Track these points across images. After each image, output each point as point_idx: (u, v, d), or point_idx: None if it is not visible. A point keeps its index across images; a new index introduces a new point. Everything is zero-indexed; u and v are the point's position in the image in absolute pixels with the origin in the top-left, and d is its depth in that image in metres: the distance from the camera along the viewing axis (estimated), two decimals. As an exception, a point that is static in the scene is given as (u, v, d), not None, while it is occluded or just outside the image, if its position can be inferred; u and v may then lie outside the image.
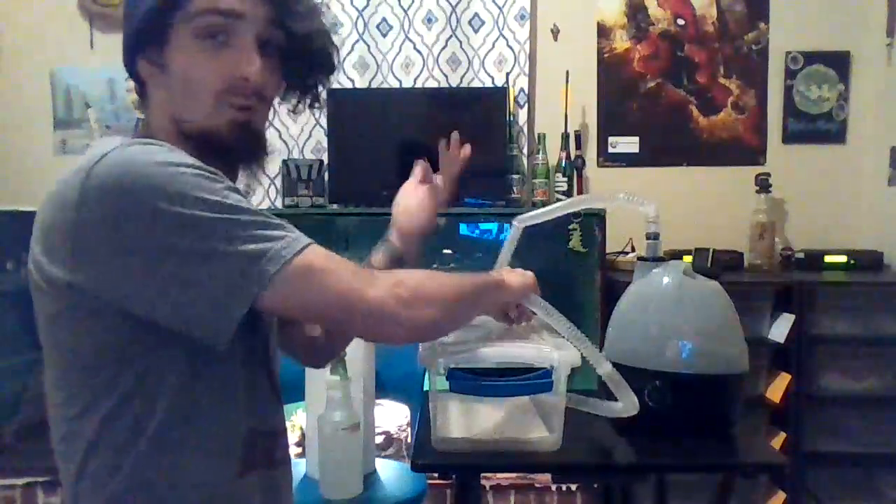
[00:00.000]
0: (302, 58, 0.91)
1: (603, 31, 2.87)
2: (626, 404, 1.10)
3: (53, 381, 0.84)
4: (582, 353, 1.07)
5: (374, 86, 2.84)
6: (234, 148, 0.86)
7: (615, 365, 1.29)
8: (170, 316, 0.76)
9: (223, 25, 0.83)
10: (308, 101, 0.97)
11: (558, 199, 2.72)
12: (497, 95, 2.75)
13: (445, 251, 2.92)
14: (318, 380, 1.62)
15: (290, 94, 0.96)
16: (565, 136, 2.78)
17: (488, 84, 2.81)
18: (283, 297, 0.77)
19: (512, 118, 2.77)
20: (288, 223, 0.81)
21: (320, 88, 0.97)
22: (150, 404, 0.80)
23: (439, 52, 2.82)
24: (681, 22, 2.86)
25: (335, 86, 2.81)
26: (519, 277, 1.06)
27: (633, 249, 2.69)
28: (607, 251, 2.57)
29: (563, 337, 1.07)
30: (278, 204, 2.80)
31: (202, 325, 0.76)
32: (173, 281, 0.74)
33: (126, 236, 0.73)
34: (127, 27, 0.87)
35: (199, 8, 0.82)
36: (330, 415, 1.56)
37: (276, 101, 0.95)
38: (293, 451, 2.31)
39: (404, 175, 1.25)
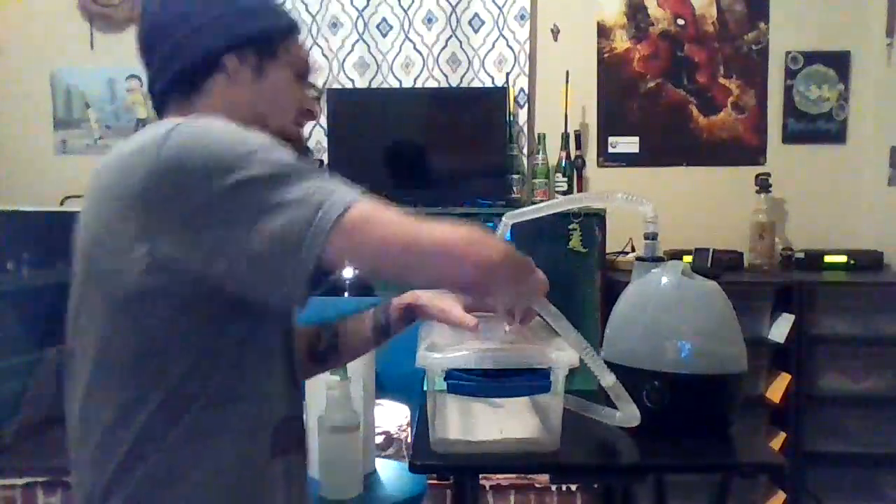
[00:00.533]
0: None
1: (603, 31, 2.87)
2: (626, 415, 1.10)
3: (95, 377, 0.86)
4: (587, 364, 1.06)
5: (374, 86, 2.84)
6: (298, 152, 0.95)
7: (614, 365, 1.29)
8: (244, 279, 0.79)
9: (307, 72, 1.05)
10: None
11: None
12: (497, 95, 2.75)
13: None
14: (318, 380, 1.62)
15: None
16: (565, 136, 2.78)
17: (488, 84, 2.81)
18: (351, 246, 0.79)
19: (512, 118, 2.77)
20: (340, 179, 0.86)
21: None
22: (202, 388, 0.85)
23: (439, 52, 2.82)
24: (681, 22, 2.86)
25: (335, 86, 2.82)
26: (541, 276, 1.06)
27: (632, 249, 2.69)
28: (607, 251, 2.57)
29: (567, 343, 1.06)
30: (278, 204, 2.80)
31: (277, 284, 0.79)
32: (246, 241, 0.78)
33: (198, 200, 0.78)
34: (227, 18, 0.97)
35: (303, 58, 1.04)
36: (330, 415, 1.56)
37: None
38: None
39: (404, 175, 1.26)
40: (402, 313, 1.22)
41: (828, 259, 2.63)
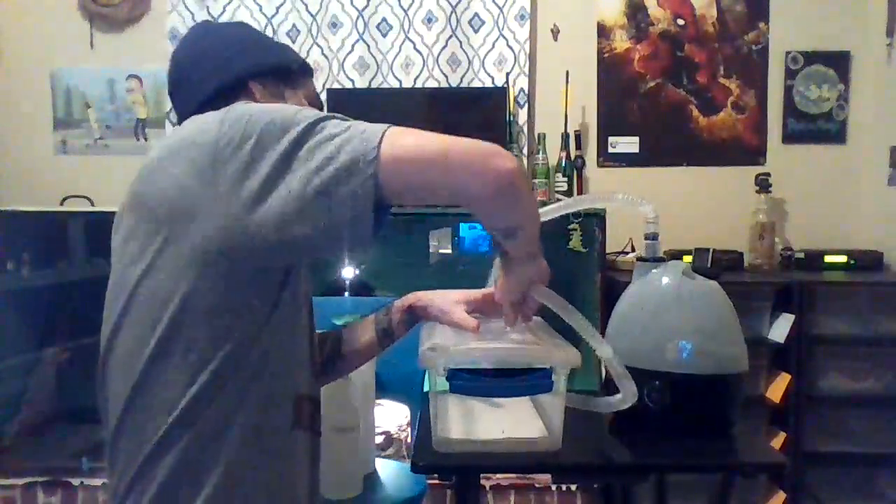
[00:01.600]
0: None
1: (603, 31, 2.87)
2: (624, 394, 1.10)
3: (163, 344, 0.91)
4: (583, 336, 1.06)
5: (374, 86, 2.84)
6: None
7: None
8: (313, 227, 0.84)
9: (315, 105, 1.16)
10: None
11: (558, 199, 2.72)
12: (497, 95, 2.75)
13: (443, 251, 2.92)
14: (318, 380, 1.62)
15: None
16: (565, 136, 2.78)
17: (488, 84, 2.81)
18: (394, 157, 0.84)
19: (512, 118, 2.77)
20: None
21: None
22: (253, 351, 0.92)
23: (439, 52, 2.82)
24: (681, 22, 2.86)
25: (335, 86, 2.82)
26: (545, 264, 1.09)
27: (633, 249, 2.69)
28: (607, 251, 2.57)
29: (568, 321, 1.06)
30: (278, 204, 2.80)
31: (345, 232, 0.85)
32: (314, 173, 0.84)
33: (259, 157, 0.86)
34: (252, 51, 1.13)
35: (315, 94, 1.21)
36: (330, 415, 1.56)
37: None
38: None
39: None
40: (403, 316, 1.24)
41: (828, 259, 2.64)
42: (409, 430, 2.47)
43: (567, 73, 2.79)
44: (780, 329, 2.41)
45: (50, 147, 2.94)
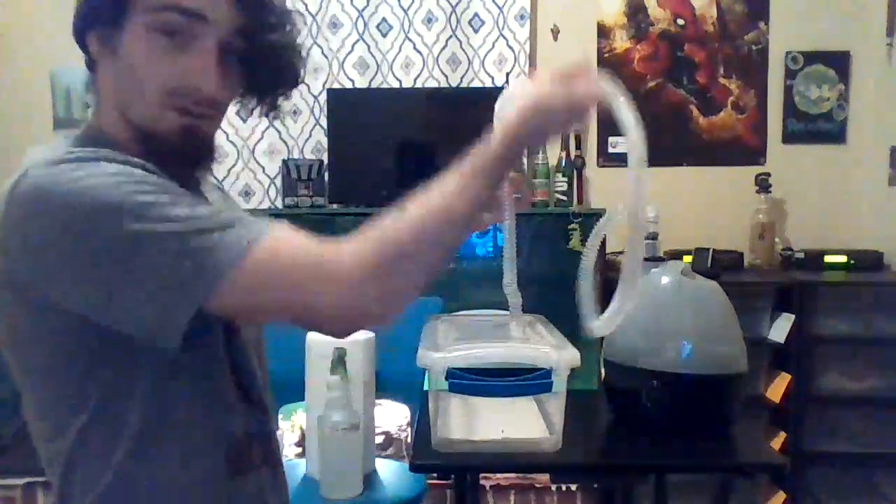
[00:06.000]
0: (264, 70, 0.86)
1: (603, 31, 2.87)
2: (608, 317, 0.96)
3: (29, 405, 0.83)
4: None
5: (374, 86, 2.84)
6: (179, 153, 0.81)
7: (614, 365, 1.29)
8: (116, 320, 0.74)
9: (183, 25, 0.77)
10: (265, 108, 0.91)
11: (558, 200, 2.72)
12: (497, 95, 2.73)
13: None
14: (318, 380, 1.62)
15: (248, 99, 0.90)
16: (565, 136, 2.78)
17: (488, 84, 2.81)
18: (239, 297, 0.72)
19: (512, 118, 2.77)
20: (243, 216, 0.76)
21: (280, 99, 0.92)
22: (123, 415, 0.79)
23: (439, 52, 2.82)
24: (681, 22, 2.86)
25: (335, 86, 2.82)
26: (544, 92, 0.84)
27: (633, 249, 2.68)
28: (607, 251, 2.57)
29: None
30: (278, 204, 2.80)
31: (147, 331, 0.73)
32: (113, 289, 0.72)
33: (55, 250, 0.71)
34: None
35: (164, 2, 0.76)
36: (330, 415, 1.56)
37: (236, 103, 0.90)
38: (293, 451, 2.31)
39: (404, 175, 1.24)
40: None
41: (828, 259, 2.63)
42: (409, 430, 2.47)
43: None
44: (780, 329, 2.41)
45: (50, 147, 2.94)
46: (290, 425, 2.36)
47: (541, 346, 1.11)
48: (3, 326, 0.80)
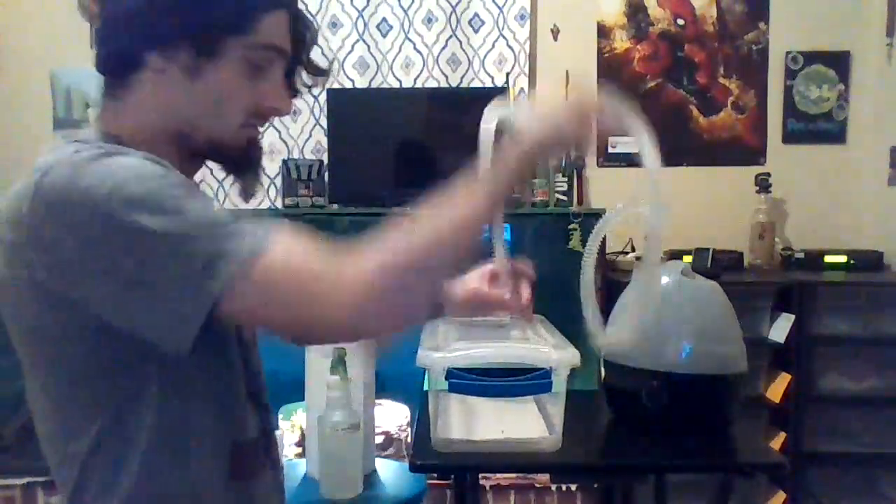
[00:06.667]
0: (293, 84, 0.95)
1: (603, 31, 2.87)
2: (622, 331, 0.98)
3: (40, 405, 0.84)
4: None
5: (374, 86, 2.84)
6: (245, 161, 0.89)
7: (614, 365, 1.29)
8: (130, 320, 0.75)
9: (270, 59, 0.86)
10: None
11: (558, 199, 2.72)
12: (497, 95, 2.74)
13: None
14: (318, 380, 1.62)
15: None
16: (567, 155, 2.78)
17: (488, 84, 2.81)
18: (244, 307, 0.74)
19: (512, 118, 2.77)
20: (249, 221, 0.77)
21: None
22: (139, 420, 0.80)
23: (439, 52, 2.82)
24: (681, 22, 2.86)
25: (335, 86, 2.82)
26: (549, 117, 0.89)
27: (633, 249, 2.69)
28: (607, 251, 2.57)
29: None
30: (278, 204, 2.80)
31: (159, 334, 0.74)
32: (129, 286, 0.73)
33: (77, 246, 0.73)
34: (152, 12, 0.81)
35: (261, 42, 0.83)
36: (330, 415, 1.56)
37: None
38: (293, 451, 2.31)
39: (404, 175, 1.24)
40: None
41: (828, 259, 2.63)
42: (409, 430, 2.47)
43: (567, 73, 2.79)
44: (780, 329, 2.41)
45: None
46: (290, 425, 2.36)
47: (540, 346, 1.11)
48: (24, 325, 0.80)
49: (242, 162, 0.89)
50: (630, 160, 2.88)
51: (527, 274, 1.09)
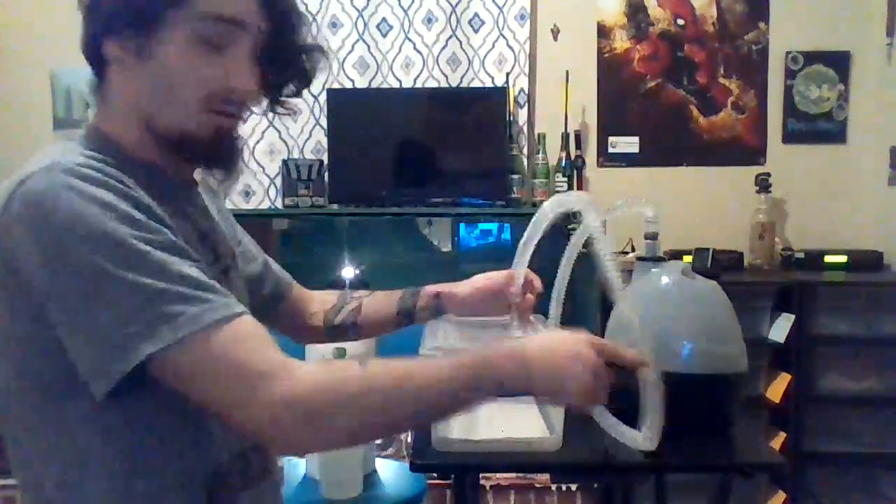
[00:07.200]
0: (286, 71, 0.89)
1: (603, 31, 2.87)
2: (648, 432, 0.99)
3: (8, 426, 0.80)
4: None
5: (374, 86, 2.84)
6: (213, 153, 0.83)
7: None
8: (69, 349, 0.73)
9: (223, 33, 0.79)
10: (271, 105, 0.93)
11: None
12: (497, 95, 2.75)
13: (444, 250, 2.92)
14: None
15: (261, 97, 0.92)
16: (565, 136, 2.78)
17: (488, 84, 2.81)
18: (176, 374, 0.71)
19: (512, 118, 2.77)
20: (218, 288, 0.75)
21: (292, 98, 0.94)
22: (92, 448, 0.76)
23: (439, 52, 2.82)
24: (681, 22, 2.86)
25: (335, 86, 2.82)
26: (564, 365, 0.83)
27: (633, 249, 2.68)
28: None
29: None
30: (278, 204, 2.80)
31: (84, 369, 0.72)
32: (72, 316, 0.71)
33: (41, 263, 0.71)
34: (103, 2, 0.79)
35: (206, 12, 0.77)
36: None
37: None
38: (293, 451, 2.31)
39: (404, 175, 1.25)
40: (430, 301, 1.17)
41: (828, 259, 2.63)
42: (409, 430, 2.47)
43: (567, 73, 2.79)
44: (780, 329, 2.41)
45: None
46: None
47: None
48: None
49: (210, 154, 0.83)
50: (630, 160, 2.89)
51: (536, 285, 1.15)
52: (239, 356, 0.71)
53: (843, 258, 2.63)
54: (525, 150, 2.84)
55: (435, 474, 1.58)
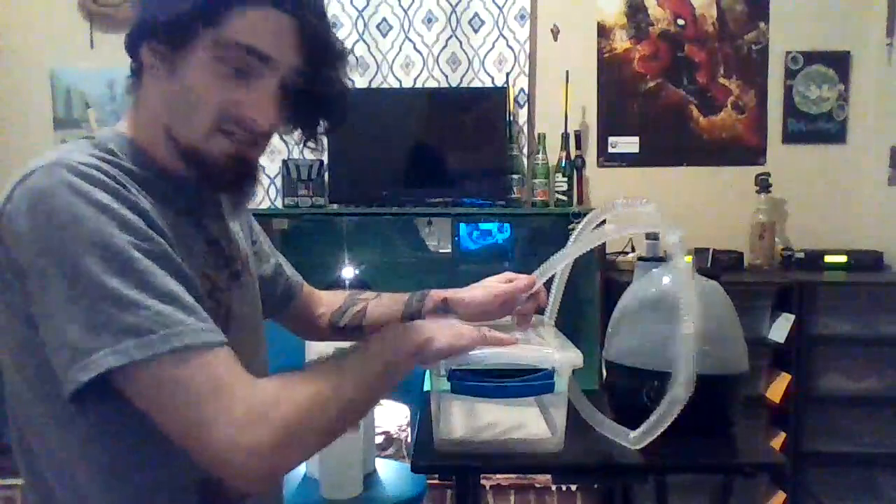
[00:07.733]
0: (317, 110, 0.90)
1: (603, 31, 2.87)
2: (643, 432, 1.04)
3: (14, 429, 0.82)
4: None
5: (374, 86, 2.84)
6: (223, 176, 0.83)
7: (614, 365, 1.29)
8: (46, 345, 0.73)
9: (249, 64, 0.79)
10: (307, 140, 0.95)
11: (558, 199, 2.72)
12: (497, 95, 2.75)
13: (443, 250, 2.92)
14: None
15: (292, 130, 0.94)
16: (565, 136, 2.78)
17: (488, 84, 2.81)
18: (137, 391, 0.71)
19: (512, 118, 2.77)
20: (197, 310, 0.74)
21: (323, 134, 0.95)
22: (102, 442, 0.77)
23: (439, 52, 2.82)
24: (681, 22, 2.86)
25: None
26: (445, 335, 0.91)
27: (633, 249, 2.69)
28: (607, 251, 2.57)
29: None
30: (278, 204, 2.80)
31: (55, 367, 0.72)
32: (49, 317, 0.71)
33: (33, 256, 0.72)
34: (146, 6, 0.81)
35: (234, 40, 0.78)
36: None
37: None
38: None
39: (404, 175, 1.25)
40: (437, 306, 1.18)
41: (828, 259, 2.64)
42: (409, 430, 2.47)
43: (567, 73, 2.79)
44: (780, 329, 2.41)
45: (50, 147, 2.93)
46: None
47: (543, 347, 1.11)
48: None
49: (220, 176, 0.83)
50: (630, 160, 2.89)
51: (542, 299, 1.18)
52: (198, 389, 0.70)
53: (843, 258, 2.63)
54: (525, 150, 2.84)
55: (435, 474, 1.58)
